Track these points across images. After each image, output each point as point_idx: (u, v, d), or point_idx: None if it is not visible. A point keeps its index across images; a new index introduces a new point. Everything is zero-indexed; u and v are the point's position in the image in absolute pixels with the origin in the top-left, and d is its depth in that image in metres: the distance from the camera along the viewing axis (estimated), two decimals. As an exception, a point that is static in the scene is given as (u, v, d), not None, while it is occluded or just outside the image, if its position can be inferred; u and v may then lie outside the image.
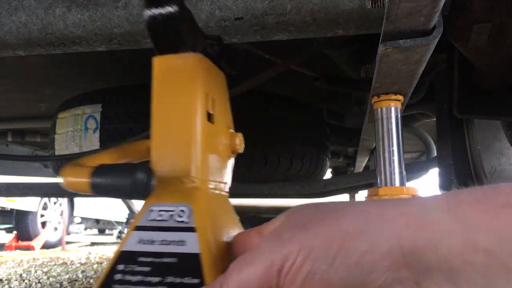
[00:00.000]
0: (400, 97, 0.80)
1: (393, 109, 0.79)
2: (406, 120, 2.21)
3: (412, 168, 2.02)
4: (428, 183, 2.26)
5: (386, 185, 0.78)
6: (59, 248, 6.52)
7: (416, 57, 0.60)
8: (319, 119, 2.07)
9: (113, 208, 8.12)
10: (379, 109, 0.80)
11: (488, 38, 0.80)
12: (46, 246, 6.36)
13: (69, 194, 2.00)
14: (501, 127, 1.19)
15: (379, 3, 0.65)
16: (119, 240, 9.06)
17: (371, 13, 0.69)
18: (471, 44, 0.81)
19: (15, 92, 2.21)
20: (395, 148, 0.78)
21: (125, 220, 7.68)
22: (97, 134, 1.69)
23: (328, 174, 3.78)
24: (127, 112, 1.69)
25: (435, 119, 1.73)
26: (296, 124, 1.88)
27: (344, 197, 5.81)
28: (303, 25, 0.79)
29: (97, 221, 9.55)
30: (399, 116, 0.80)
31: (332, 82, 1.35)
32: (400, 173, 0.78)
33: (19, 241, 6.15)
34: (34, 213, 6.17)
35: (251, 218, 8.44)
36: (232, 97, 1.28)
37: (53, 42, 0.83)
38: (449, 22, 0.79)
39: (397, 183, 0.77)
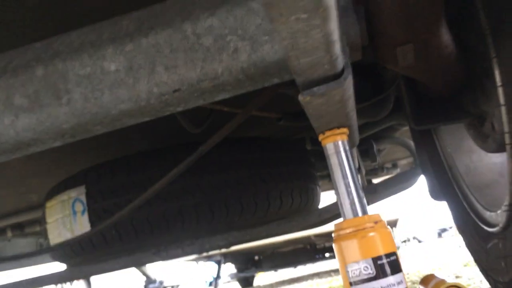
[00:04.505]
0: (344, 130, 0.82)
1: (340, 142, 0.81)
2: (386, 132, 2.24)
3: (401, 178, 2.04)
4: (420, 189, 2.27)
5: (349, 217, 0.79)
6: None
7: (337, 98, 0.63)
8: (301, 150, 2.10)
9: (129, 280, 8.03)
10: (327, 145, 0.82)
11: (415, 55, 0.84)
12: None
13: (72, 278, 2.00)
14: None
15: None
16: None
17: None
18: (400, 64, 0.84)
19: (3, 188, 2.24)
20: (349, 179, 0.80)
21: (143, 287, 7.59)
22: (85, 216, 1.70)
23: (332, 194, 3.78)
24: (110, 188, 1.71)
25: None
26: (279, 162, 1.90)
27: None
28: (238, 82, 0.82)
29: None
30: (347, 148, 0.82)
31: (294, 118, 1.38)
32: (360, 201, 0.80)
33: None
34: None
35: (271, 255, 8.32)
36: (210, 150, 1.30)
37: (9, 149, 0.86)
38: (374, 49, 0.83)
39: (360, 213, 0.79)
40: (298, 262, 8.84)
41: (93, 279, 7.01)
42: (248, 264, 8.29)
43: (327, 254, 8.59)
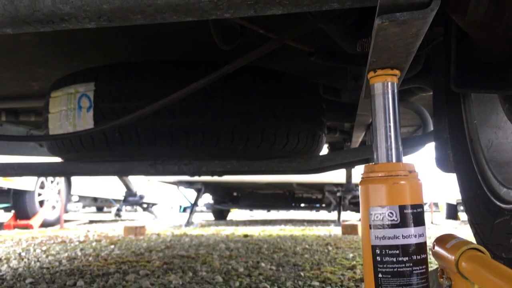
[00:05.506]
0: (397, 72, 0.78)
1: (389, 84, 0.78)
2: (403, 94, 2.20)
3: (409, 143, 2.02)
4: (424, 157, 2.27)
5: (382, 161, 0.77)
6: (57, 227, 6.55)
7: (413, 30, 0.59)
8: (315, 94, 2.06)
9: (110, 186, 8.13)
10: (375, 84, 0.78)
11: (486, 10, 0.79)
12: (45, 224, 6.39)
13: (65, 173, 2.00)
14: (498, 100, 1.18)
15: (375, -25, 0.63)
16: (117, 218, 9.11)
17: (367, -15, 0.67)
18: (468, 17, 0.79)
19: (7, 71, 2.18)
20: (391, 123, 0.77)
21: (122, 198, 7.69)
22: (91, 113, 1.67)
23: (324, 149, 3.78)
24: (121, 90, 1.67)
25: (431, 93, 1.72)
26: (292, 100, 1.86)
27: (341, 172, 5.82)
28: (297, -2, 0.77)
29: (95, 199, 9.57)
30: (395, 91, 0.79)
31: (328, 57, 1.33)
32: (397, 148, 0.77)
33: (18, 220, 6.17)
34: (31, 192, 6.18)
35: (249, 194, 8.45)
36: (227, 74, 1.26)
37: (41, 20, 0.81)
38: (447, -6, 0.78)
39: (394, 159, 0.77)
40: (273, 206, 9.01)
41: (74, 180, 7.08)
42: (226, 199, 8.41)
43: (302, 204, 8.76)
